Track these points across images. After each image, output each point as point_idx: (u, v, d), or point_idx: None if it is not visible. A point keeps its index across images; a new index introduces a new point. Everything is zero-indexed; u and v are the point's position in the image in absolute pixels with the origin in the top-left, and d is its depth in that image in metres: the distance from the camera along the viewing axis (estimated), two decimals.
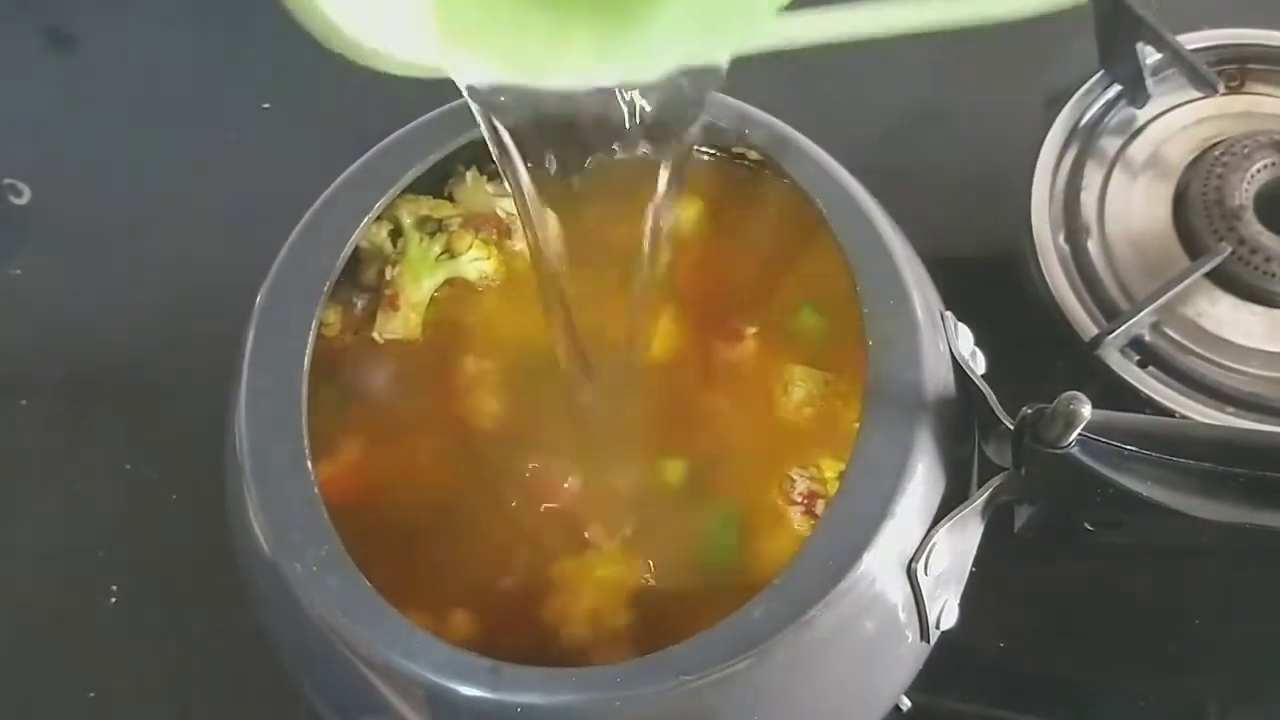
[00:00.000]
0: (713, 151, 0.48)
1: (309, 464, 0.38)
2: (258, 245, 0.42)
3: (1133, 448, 0.38)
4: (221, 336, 0.42)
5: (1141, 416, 0.39)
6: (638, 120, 0.34)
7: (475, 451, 0.43)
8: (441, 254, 0.45)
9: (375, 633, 0.35)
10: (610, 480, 0.42)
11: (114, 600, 0.53)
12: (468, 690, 0.34)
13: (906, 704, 0.46)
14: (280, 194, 0.44)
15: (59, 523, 0.56)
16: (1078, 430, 0.37)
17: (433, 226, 0.46)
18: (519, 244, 0.46)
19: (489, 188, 0.46)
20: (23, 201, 0.64)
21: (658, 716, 0.35)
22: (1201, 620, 0.47)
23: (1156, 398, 0.52)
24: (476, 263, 0.46)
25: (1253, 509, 0.37)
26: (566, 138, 0.35)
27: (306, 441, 0.38)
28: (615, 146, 0.35)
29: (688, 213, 0.47)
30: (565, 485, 0.42)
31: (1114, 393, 0.52)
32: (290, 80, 0.66)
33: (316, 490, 0.37)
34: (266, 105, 0.66)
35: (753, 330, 0.44)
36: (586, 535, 0.41)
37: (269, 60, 0.66)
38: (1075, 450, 0.37)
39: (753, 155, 0.46)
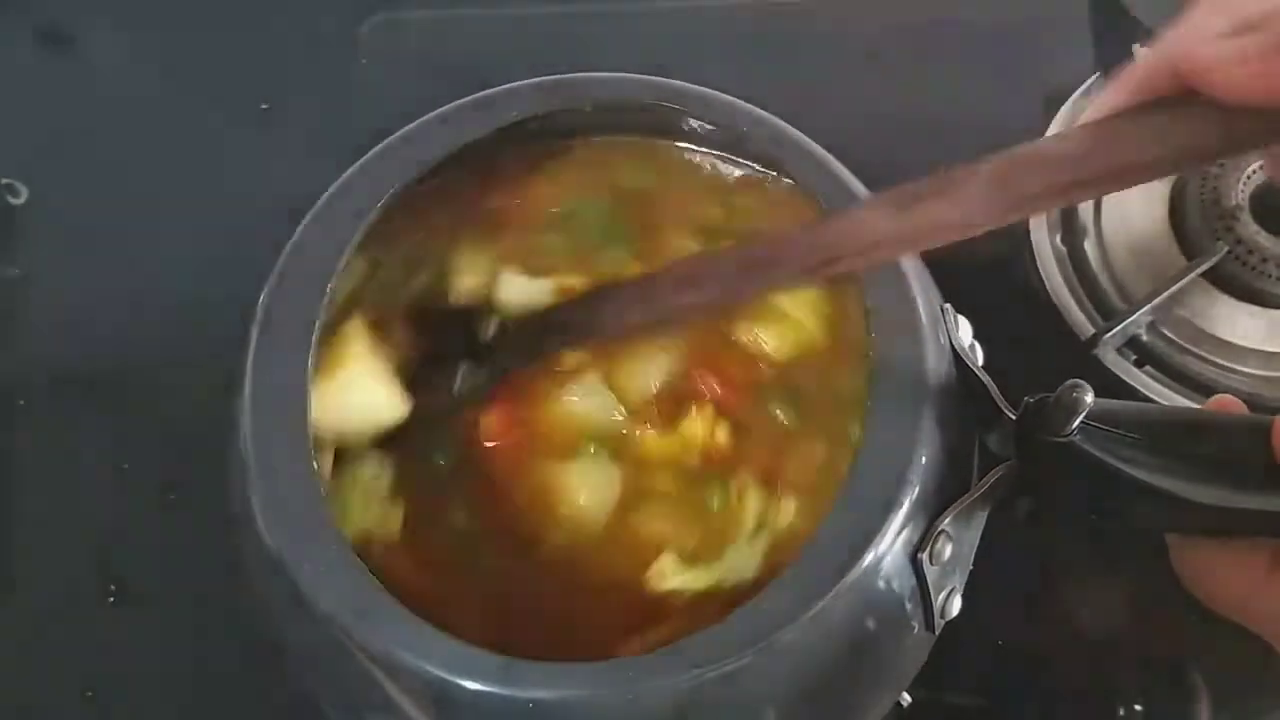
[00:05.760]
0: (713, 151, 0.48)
1: (314, 461, 0.38)
2: (257, 245, 0.42)
3: (1135, 435, 0.38)
4: (221, 336, 0.42)
5: (1143, 404, 0.40)
6: None
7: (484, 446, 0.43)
8: None
9: (384, 630, 0.35)
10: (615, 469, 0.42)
11: (114, 600, 0.53)
12: (478, 686, 0.35)
13: (906, 699, 0.46)
14: (280, 194, 0.44)
15: (59, 523, 0.55)
16: (1080, 418, 0.37)
17: None
18: None
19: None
20: (21, 201, 0.64)
21: (670, 709, 0.35)
22: (1204, 614, 0.47)
23: (1153, 397, 0.52)
24: None
25: (1254, 494, 0.37)
26: None
27: (312, 439, 0.38)
28: None
29: None
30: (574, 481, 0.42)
31: (1111, 392, 0.51)
32: (290, 80, 0.66)
33: (322, 487, 0.38)
34: (266, 105, 0.66)
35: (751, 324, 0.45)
36: (593, 528, 0.41)
37: (269, 60, 0.66)
38: (1077, 439, 0.38)
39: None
